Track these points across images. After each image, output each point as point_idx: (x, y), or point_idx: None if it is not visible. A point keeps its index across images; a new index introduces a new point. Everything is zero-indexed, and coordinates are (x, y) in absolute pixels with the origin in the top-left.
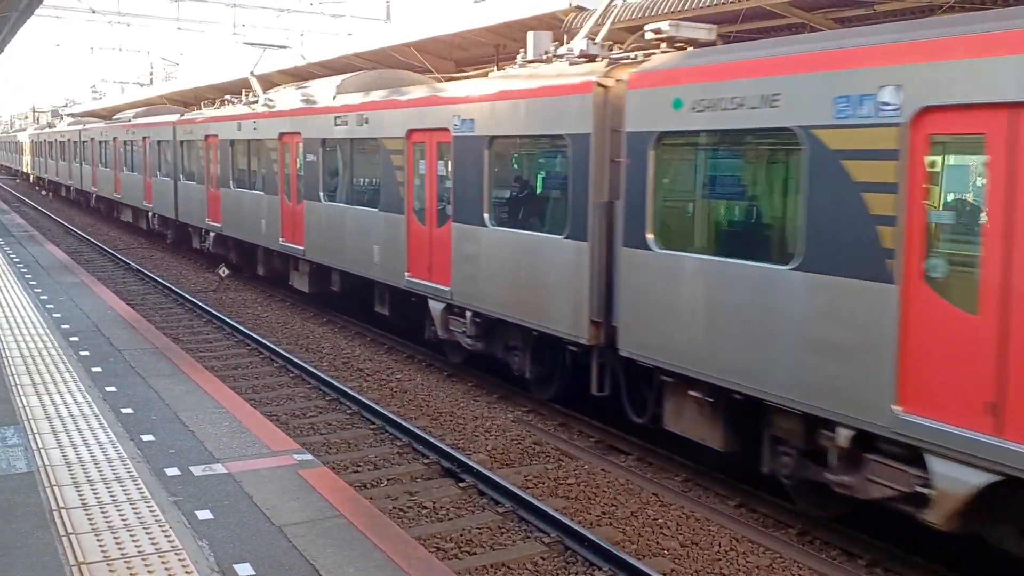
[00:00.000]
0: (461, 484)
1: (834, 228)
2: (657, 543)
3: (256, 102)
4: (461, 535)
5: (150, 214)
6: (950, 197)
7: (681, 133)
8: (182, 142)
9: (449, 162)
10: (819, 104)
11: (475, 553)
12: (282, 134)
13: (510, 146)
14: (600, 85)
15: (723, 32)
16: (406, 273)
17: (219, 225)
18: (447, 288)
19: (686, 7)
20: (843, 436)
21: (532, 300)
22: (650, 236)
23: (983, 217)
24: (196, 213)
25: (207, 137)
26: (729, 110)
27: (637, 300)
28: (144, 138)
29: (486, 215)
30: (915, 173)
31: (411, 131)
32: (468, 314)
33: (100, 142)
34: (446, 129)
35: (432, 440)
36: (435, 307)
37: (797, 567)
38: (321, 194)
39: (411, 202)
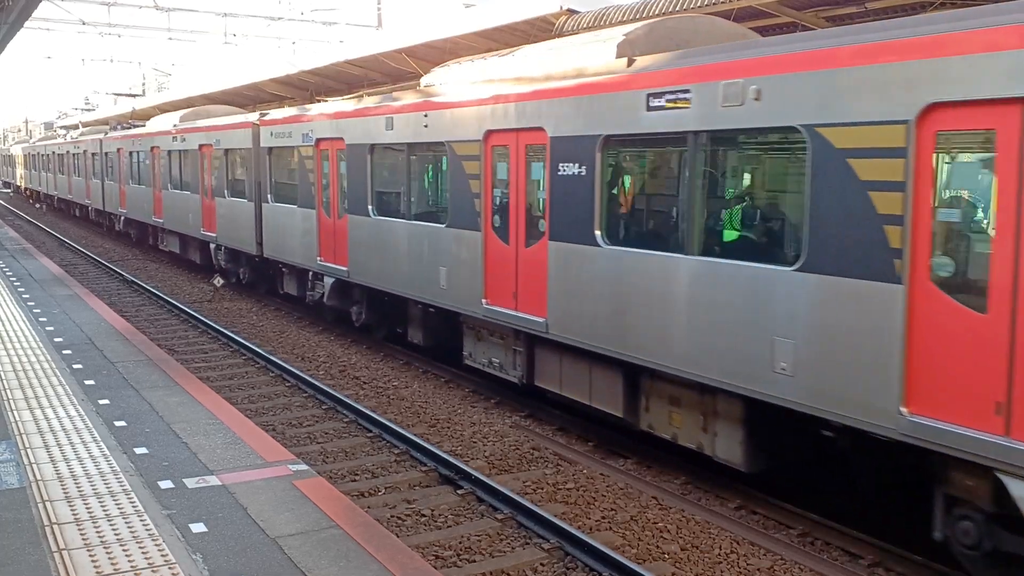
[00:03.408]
0: (459, 491)
1: None
2: (657, 547)
3: None
4: (460, 542)
5: None
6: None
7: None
8: None
9: None
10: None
11: (474, 560)
12: None
13: None
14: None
15: None
16: None
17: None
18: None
19: (677, 8)
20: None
21: None
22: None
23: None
24: None
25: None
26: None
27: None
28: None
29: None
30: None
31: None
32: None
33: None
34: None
35: (430, 447)
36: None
37: (798, 568)
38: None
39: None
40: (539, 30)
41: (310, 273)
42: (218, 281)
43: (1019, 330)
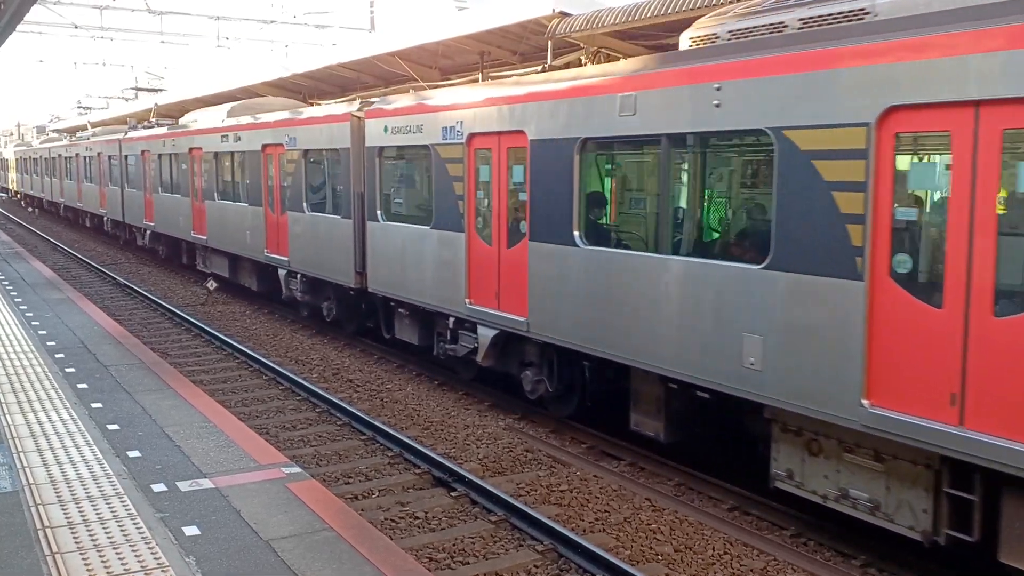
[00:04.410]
0: (453, 493)
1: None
2: (651, 548)
3: None
4: (454, 545)
5: None
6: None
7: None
8: None
9: None
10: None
11: (468, 563)
12: None
13: None
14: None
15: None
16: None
17: None
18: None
19: (670, 10)
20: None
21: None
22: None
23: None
24: None
25: None
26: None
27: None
28: None
29: None
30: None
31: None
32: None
33: None
34: None
35: (423, 450)
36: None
37: (791, 569)
38: None
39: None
40: (531, 32)
41: (450, 320)
42: (211, 284)
43: None
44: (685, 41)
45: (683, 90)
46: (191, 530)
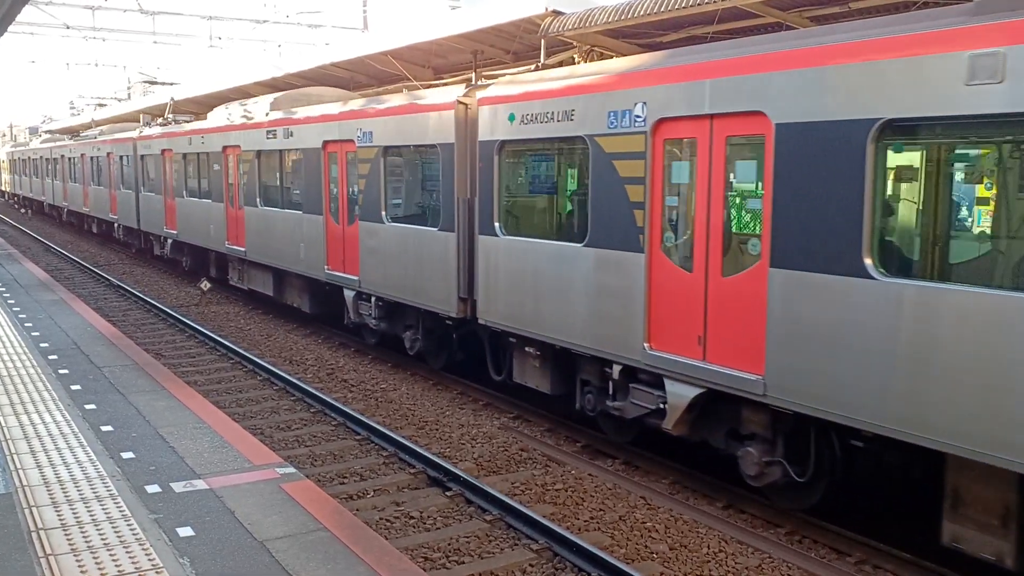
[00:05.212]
0: (448, 493)
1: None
2: (646, 546)
3: None
4: (449, 544)
5: None
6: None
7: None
8: None
9: None
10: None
11: (463, 562)
12: None
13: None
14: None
15: (700, 34)
16: None
17: None
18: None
19: (663, 8)
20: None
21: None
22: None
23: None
24: None
25: None
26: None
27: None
28: None
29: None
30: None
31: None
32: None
33: None
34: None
35: (418, 449)
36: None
37: (786, 567)
38: None
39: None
40: (524, 31)
41: (613, 369)
42: (205, 285)
43: None
44: None
45: None
46: (185, 531)
